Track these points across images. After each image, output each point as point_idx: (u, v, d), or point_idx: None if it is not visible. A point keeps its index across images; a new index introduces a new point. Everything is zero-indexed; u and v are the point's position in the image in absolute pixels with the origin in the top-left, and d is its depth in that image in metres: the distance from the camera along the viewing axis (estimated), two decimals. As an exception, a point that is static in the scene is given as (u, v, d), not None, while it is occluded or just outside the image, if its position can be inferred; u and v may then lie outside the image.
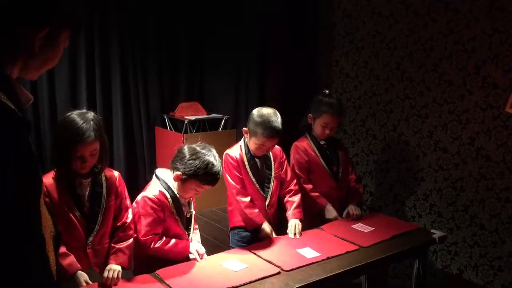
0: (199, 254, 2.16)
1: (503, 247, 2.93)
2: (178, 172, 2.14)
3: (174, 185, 2.21)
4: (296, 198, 2.65)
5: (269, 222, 2.55)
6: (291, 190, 2.67)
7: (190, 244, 2.20)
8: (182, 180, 2.16)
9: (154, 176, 2.25)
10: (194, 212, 2.31)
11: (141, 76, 4.86)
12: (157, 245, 2.11)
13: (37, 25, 1.15)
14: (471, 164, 3.05)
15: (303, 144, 2.86)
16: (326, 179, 2.84)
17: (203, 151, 2.16)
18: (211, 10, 4.99)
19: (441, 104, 3.18)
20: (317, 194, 2.79)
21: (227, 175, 2.56)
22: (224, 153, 2.59)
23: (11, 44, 1.14)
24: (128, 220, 2.10)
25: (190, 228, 2.29)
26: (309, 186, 2.80)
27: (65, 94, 4.42)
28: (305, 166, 2.83)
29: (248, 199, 2.52)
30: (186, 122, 4.81)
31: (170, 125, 5.01)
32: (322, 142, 2.86)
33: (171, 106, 5.08)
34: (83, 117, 1.89)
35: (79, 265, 1.90)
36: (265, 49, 4.32)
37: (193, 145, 2.20)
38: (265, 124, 2.43)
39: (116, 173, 2.13)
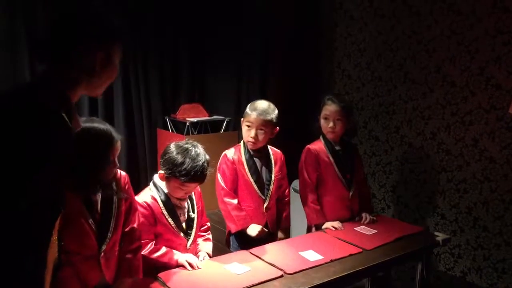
0: (191, 265, 2.06)
1: (507, 249, 2.91)
2: (161, 171, 2.10)
3: (165, 187, 2.15)
4: (284, 214, 2.71)
5: (267, 225, 2.56)
6: (285, 198, 2.71)
7: (180, 255, 2.09)
8: (166, 179, 2.10)
9: (151, 182, 2.21)
10: (194, 215, 2.22)
11: (142, 77, 4.85)
12: (143, 252, 2.05)
13: (98, 47, 1.27)
14: (474, 166, 3.03)
15: (316, 148, 2.72)
16: (338, 187, 2.71)
17: (185, 146, 2.08)
18: (212, 10, 4.98)
19: (444, 106, 3.17)
20: (318, 207, 2.68)
21: (218, 175, 2.54)
22: (223, 153, 2.59)
23: (75, 68, 1.25)
24: (135, 225, 2.05)
25: (190, 233, 2.19)
26: (313, 196, 2.69)
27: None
28: (315, 171, 2.71)
29: (235, 201, 2.51)
30: (187, 124, 4.81)
31: (172, 127, 5.00)
32: (337, 148, 2.74)
33: (173, 107, 5.07)
34: (99, 122, 1.83)
35: None
36: (266, 50, 4.31)
37: (180, 142, 2.13)
38: (254, 104, 2.53)
39: (123, 174, 2.04)
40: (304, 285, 1.95)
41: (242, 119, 2.57)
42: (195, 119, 4.86)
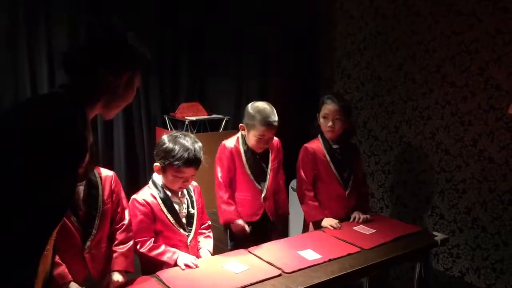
0: (189, 267, 2.05)
1: (505, 249, 2.91)
2: (156, 163, 2.12)
3: (163, 183, 2.16)
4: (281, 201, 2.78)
5: (265, 215, 2.63)
6: (280, 184, 2.77)
7: (180, 255, 2.09)
8: (162, 170, 2.11)
9: (150, 180, 2.22)
10: (194, 211, 2.23)
11: (142, 76, 4.85)
12: (142, 250, 2.07)
13: (126, 69, 1.31)
14: (473, 166, 3.03)
15: (313, 146, 2.74)
16: (334, 186, 2.72)
17: (175, 134, 2.13)
18: (211, 10, 4.97)
19: (444, 106, 3.17)
20: (316, 204, 2.69)
21: (218, 166, 2.60)
22: (221, 143, 2.62)
23: (98, 89, 1.28)
24: (126, 222, 2.06)
25: (191, 229, 2.21)
26: (310, 194, 2.70)
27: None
28: (312, 169, 2.72)
29: (226, 195, 2.57)
30: (186, 122, 4.80)
31: (171, 125, 4.99)
32: (335, 146, 2.74)
33: (172, 106, 5.06)
34: None
35: (70, 277, 1.82)
36: (266, 50, 4.30)
37: (171, 133, 2.17)
38: (261, 113, 2.50)
39: (110, 173, 2.07)
40: (302, 284, 1.95)
41: (242, 125, 2.57)
42: (194, 118, 4.85)
